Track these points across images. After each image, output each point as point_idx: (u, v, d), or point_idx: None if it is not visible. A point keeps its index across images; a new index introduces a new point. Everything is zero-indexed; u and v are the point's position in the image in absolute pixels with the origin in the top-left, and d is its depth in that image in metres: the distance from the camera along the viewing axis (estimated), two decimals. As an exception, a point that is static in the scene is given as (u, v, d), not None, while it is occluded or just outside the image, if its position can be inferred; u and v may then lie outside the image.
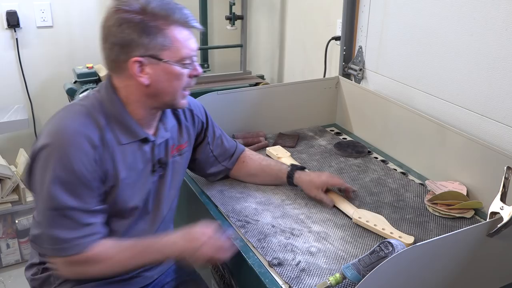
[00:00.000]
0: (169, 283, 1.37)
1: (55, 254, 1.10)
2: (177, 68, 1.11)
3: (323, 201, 1.42)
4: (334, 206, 1.41)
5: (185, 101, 1.19)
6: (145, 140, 1.18)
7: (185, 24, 1.11)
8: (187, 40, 1.11)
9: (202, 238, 1.15)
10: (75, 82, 2.49)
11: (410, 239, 1.24)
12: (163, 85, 1.12)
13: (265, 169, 1.50)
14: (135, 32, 1.06)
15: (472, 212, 1.39)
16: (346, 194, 1.46)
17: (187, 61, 1.12)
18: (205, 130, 1.41)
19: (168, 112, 1.27)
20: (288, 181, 1.48)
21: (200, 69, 1.17)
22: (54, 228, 1.07)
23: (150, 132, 1.20)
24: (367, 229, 1.32)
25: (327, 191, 1.45)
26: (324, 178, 1.43)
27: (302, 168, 1.50)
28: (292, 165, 1.51)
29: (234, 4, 2.61)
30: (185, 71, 1.13)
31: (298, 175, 1.46)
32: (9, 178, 2.20)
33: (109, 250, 1.12)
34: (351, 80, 2.03)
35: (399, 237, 1.25)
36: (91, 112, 1.11)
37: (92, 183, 1.08)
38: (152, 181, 1.22)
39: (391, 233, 1.27)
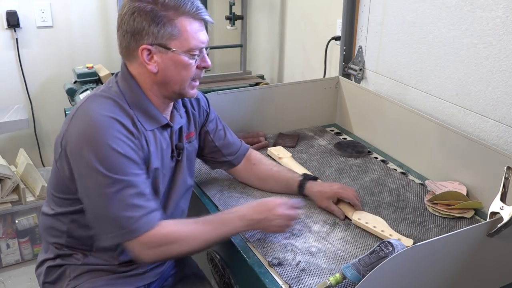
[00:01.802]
0: (173, 275, 1.38)
1: (127, 237, 1.08)
2: (185, 58, 1.15)
3: (334, 213, 1.37)
4: (346, 217, 1.37)
5: (194, 91, 1.22)
6: (164, 126, 1.22)
7: (196, 16, 1.14)
8: (196, 32, 1.15)
9: (273, 210, 1.19)
10: (75, 82, 2.49)
11: (409, 241, 1.24)
12: (170, 73, 1.16)
13: (276, 175, 1.46)
14: (145, 21, 1.10)
15: (472, 212, 1.39)
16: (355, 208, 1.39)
17: (196, 52, 1.16)
18: (207, 120, 1.43)
19: (179, 100, 1.30)
20: (298, 191, 1.43)
21: (208, 61, 1.20)
22: (118, 210, 1.07)
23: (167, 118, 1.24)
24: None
25: (338, 201, 1.40)
26: (335, 189, 1.39)
27: (314, 179, 1.47)
28: (304, 174, 1.47)
29: (234, 4, 2.61)
30: (193, 62, 1.16)
31: (310, 185, 1.42)
32: (9, 178, 2.20)
33: (182, 227, 1.14)
34: (351, 80, 2.03)
35: (398, 239, 1.24)
36: (117, 102, 1.14)
37: (137, 160, 1.11)
38: (171, 167, 1.25)
39: (390, 235, 1.26)
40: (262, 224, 1.20)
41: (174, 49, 1.13)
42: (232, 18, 2.61)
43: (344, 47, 2.04)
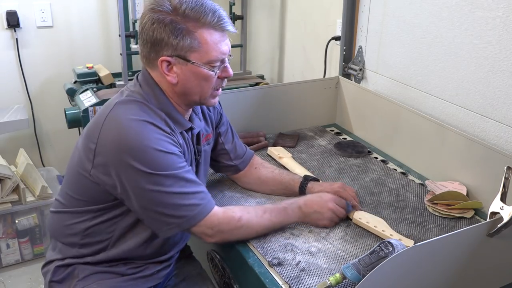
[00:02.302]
0: (175, 275, 1.39)
1: (190, 224, 1.13)
2: (205, 70, 1.15)
3: None
4: (348, 218, 1.36)
5: (215, 100, 1.24)
6: (187, 130, 1.23)
7: (217, 27, 1.14)
8: (217, 43, 1.14)
9: (325, 204, 1.28)
10: (75, 82, 2.50)
11: (409, 242, 1.24)
12: (190, 85, 1.16)
13: (277, 177, 1.46)
14: (164, 32, 1.10)
15: (472, 212, 1.39)
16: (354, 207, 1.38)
17: (216, 64, 1.16)
18: (220, 122, 1.44)
19: None
20: (300, 192, 1.43)
21: (230, 71, 1.21)
22: (176, 203, 1.11)
23: None
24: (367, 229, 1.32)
25: None
26: (336, 188, 1.39)
27: (315, 180, 1.47)
28: (305, 176, 1.47)
29: (234, 4, 2.61)
30: (213, 73, 1.16)
31: (311, 186, 1.42)
32: (9, 178, 2.20)
33: (247, 213, 1.20)
34: (351, 80, 2.03)
35: (399, 240, 1.24)
36: (146, 105, 1.15)
37: (179, 153, 1.14)
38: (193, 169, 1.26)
39: (390, 235, 1.26)
40: (313, 216, 1.28)
41: (193, 61, 1.13)
42: (232, 18, 2.61)
43: (344, 47, 2.04)
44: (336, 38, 2.15)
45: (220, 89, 1.24)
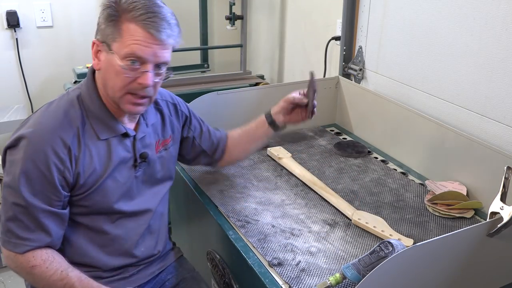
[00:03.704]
0: (170, 280, 1.38)
1: (5, 246, 1.11)
2: (117, 64, 1.09)
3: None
4: (346, 217, 1.37)
5: (131, 106, 1.14)
6: (125, 135, 1.20)
7: (143, 26, 1.07)
8: (137, 41, 1.07)
9: None
10: (75, 82, 2.49)
11: (409, 241, 1.24)
12: (108, 76, 1.13)
13: (249, 137, 1.49)
14: (102, 16, 1.12)
15: (472, 212, 1.39)
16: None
17: (129, 63, 1.08)
18: (190, 124, 1.41)
19: (151, 108, 1.28)
20: (275, 131, 1.48)
21: (147, 80, 1.10)
22: (12, 222, 1.09)
23: (131, 127, 1.22)
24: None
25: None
26: (283, 101, 1.49)
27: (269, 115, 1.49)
28: (265, 115, 1.48)
29: (234, 4, 2.61)
30: (124, 71, 1.09)
31: (277, 118, 1.46)
32: (9, 178, 2.20)
33: (50, 270, 1.10)
34: (351, 80, 2.03)
35: (398, 239, 1.24)
36: (68, 111, 1.14)
37: (58, 185, 1.10)
38: (135, 176, 1.23)
39: (390, 235, 1.26)
40: None
41: (113, 51, 1.09)
42: (232, 18, 2.61)
43: (344, 47, 2.04)
44: (336, 38, 2.15)
45: (145, 99, 1.14)
